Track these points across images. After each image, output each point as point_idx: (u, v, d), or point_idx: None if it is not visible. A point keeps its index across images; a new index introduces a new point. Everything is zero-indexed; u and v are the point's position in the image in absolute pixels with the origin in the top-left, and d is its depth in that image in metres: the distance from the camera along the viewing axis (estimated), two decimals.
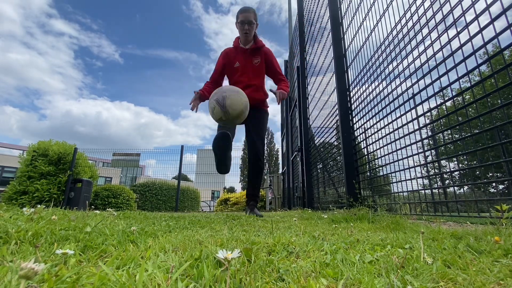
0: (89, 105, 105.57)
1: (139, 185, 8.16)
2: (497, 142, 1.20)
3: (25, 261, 0.43)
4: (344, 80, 2.70)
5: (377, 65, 2.17)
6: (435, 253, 0.66)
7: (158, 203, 8.03)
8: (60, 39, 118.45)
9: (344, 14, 2.82)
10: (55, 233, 0.82)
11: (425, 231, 1.00)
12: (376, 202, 2.16)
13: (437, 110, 1.59)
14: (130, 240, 0.83)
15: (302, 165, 4.41)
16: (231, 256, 0.45)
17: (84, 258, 0.61)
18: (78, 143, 9.33)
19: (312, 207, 3.87)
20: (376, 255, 0.64)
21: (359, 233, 1.06)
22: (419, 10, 1.69)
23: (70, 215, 1.48)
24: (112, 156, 9.01)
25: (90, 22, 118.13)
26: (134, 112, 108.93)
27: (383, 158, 2.06)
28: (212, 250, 0.60)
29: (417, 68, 1.69)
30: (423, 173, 1.77)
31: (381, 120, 2.08)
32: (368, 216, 1.60)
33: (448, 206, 1.62)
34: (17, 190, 5.44)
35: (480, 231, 0.92)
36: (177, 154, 7.94)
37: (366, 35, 2.32)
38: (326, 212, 2.55)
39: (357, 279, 0.47)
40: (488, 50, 1.23)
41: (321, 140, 3.62)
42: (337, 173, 2.97)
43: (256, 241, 0.78)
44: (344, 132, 2.54)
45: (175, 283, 0.41)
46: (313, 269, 0.53)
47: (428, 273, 0.50)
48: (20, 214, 1.23)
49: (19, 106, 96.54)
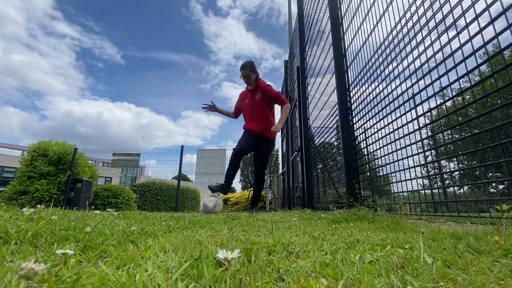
0: (90, 105, 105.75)
1: (139, 185, 8.16)
2: (497, 142, 1.20)
3: (25, 261, 0.43)
4: (344, 80, 2.70)
5: (377, 65, 2.17)
6: (435, 253, 0.66)
7: (158, 203, 8.02)
8: (62, 41, 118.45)
9: (344, 14, 2.82)
10: (55, 233, 0.82)
11: (425, 231, 1.00)
12: (376, 202, 2.16)
13: (437, 110, 1.59)
14: (130, 240, 0.83)
15: (302, 165, 4.41)
16: (231, 256, 0.45)
17: (84, 258, 0.61)
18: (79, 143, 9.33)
19: (312, 207, 3.87)
20: (376, 255, 0.64)
21: (359, 233, 1.06)
22: (419, 10, 1.69)
23: (70, 215, 1.48)
24: (112, 156, 9.01)
25: (92, 24, 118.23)
26: (135, 112, 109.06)
27: (383, 158, 2.06)
28: (212, 250, 0.60)
29: (417, 68, 1.69)
30: (423, 173, 1.77)
31: (381, 120, 2.08)
32: (368, 216, 1.60)
33: (448, 206, 1.62)
34: (17, 190, 5.44)
35: (480, 231, 0.92)
36: (177, 154, 7.94)
37: (366, 35, 2.33)
38: (326, 212, 2.55)
39: (357, 279, 0.47)
40: (488, 50, 1.23)
41: (321, 140, 3.62)
42: (337, 173, 2.97)
43: (256, 241, 0.78)
44: (344, 132, 2.53)
45: (175, 283, 0.41)
46: (313, 269, 0.53)
47: (428, 273, 0.50)
48: (20, 214, 1.23)
49: (20, 106, 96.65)
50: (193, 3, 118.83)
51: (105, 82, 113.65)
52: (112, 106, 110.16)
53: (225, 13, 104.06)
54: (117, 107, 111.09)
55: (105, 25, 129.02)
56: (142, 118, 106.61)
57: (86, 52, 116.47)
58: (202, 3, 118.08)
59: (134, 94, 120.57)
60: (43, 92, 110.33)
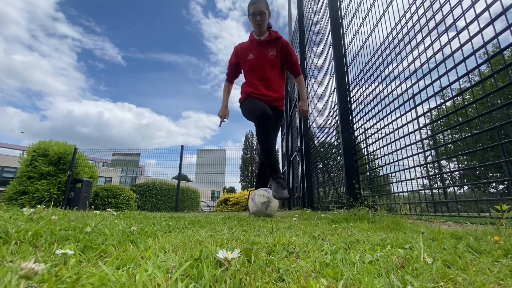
0: (91, 106, 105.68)
1: (139, 185, 8.16)
2: (497, 142, 1.20)
3: (25, 261, 0.43)
4: (344, 81, 2.70)
5: (377, 65, 2.17)
6: (435, 253, 0.66)
7: (158, 203, 8.02)
8: (64, 42, 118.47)
9: (344, 14, 2.82)
10: (55, 233, 0.82)
11: (425, 231, 1.00)
12: (376, 202, 2.15)
13: (437, 110, 1.59)
14: (130, 240, 0.83)
15: (302, 165, 4.41)
16: (231, 256, 0.45)
17: (84, 258, 0.61)
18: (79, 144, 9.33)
19: (312, 207, 3.87)
20: (376, 255, 0.64)
21: (359, 233, 1.06)
22: (419, 10, 1.69)
23: (70, 215, 1.48)
24: (112, 156, 9.01)
25: (93, 25, 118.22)
26: (135, 113, 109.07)
27: (383, 158, 2.06)
28: (212, 250, 0.60)
29: (417, 69, 1.69)
30: (423, 173, 1.77)
31: (381, 120, 2.08)
32: (368, 216, 1.60)
33: (448, 206, 1.62)
34: (17, 190, 5.44)
35: (480, 231, 0.92)
36: (177, 154, 7.94)
37: (366, 35, 2.33)
38: (326, 212, 2.55)
39: (357, 279, 0.47)
40: (488, 50, 1.23)
41: (321, 140, 3.62)
42: (337, 173, 2.97)
43: (256, 241, 0.78)
44: (344, 132, 2.53)
45: (175, 283, 0.41)
46: (313, 269, 0.53)
47: (428, 273, 0.50)
48: (20, 214, 1.23)
49: (21, 107, 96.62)
50: (193, 5, 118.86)
51: (106, 82, 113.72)
52: (113, 106, 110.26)
53: (225, 14, 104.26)
54: (118, 107, 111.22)
55: (106, 26, 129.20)
56: (143, 118, 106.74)
57: (87, 53, 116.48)
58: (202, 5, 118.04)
59: (135, 95, 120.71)
60: (43, 93, 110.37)
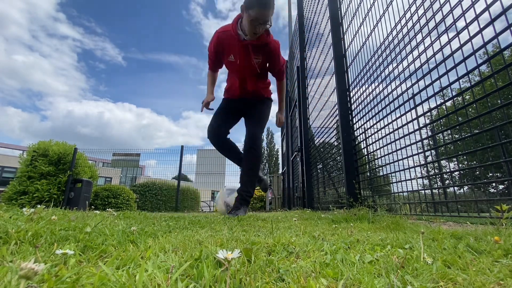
0: (91, 106, 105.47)
1: (139, 185, 8.17)
2: (497, 142, 1.20)
3: (25, 261, 0.43)
4: (344, 80, 2.70)
5: (377, 65, 2.17)
6: (435, 253, 0.66)
7: (158, 203, 8.02)
8: (64, 42, 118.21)
9: (344, 14, 2.82)
10: (55, 233, 0.82)
11: (425, 231, 1.00)
12: (376, 202, 2.16)
13: (437, 110, 1.59)
14: (130, 240, 0.83)
15: (302, 165, 4.41)
16: (231, 256, 0.45)
17: (84, 258, 0.61)
18: (79, 144, 9.34)
19: (312, 207, 3.87)
20: (376, 255, 0.64)
21: (359, 233, 1.06)
22: (419, 10, 1.69)
23: (70, 215, 1.48)
24: (112, 156, 9.02)
25: (94, 26, 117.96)
26: (136, 113, 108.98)
27: (383, 158, 2.06)
28: (212, 250, 0.60)
29: (417, 69, 1.69)
30: (423, 173, 1.77)
31: (381, 120, 2.08)
32: (368, 216, 1.60)
33: (448, 206, 1.62)
34: (17, 190, 5.44)
35: (480, 231, 0.92)
36: (177, 155, 7.96)
37: (366, 36, 2.33)
38: (326, 212, 2.55)
39: (357, 279, 0.47)
40: (488, 50, 1.23)
41: (321, 140, 3.62)
42: (337, 173, 2.97)
43: (256, 241, 0.78)
44: (344, 132, 2.53)
45: (175, 283, 0.41)
46: (313, 269, 0.53)
47: (428, 273, 0.50)
48: (20, 214, 1.23)
49: (22, 107, 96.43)
50: (193, 6, 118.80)
51: (106, 83, 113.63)
52: (113, 106, 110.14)
53: (225, 15, 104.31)
54: (118, 107, 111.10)
55: (107, 27, 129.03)
56: (143, 118, 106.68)
57: (87, 53, 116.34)
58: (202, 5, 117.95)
59: (135, 95, 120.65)
60: (44, 93, 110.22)
